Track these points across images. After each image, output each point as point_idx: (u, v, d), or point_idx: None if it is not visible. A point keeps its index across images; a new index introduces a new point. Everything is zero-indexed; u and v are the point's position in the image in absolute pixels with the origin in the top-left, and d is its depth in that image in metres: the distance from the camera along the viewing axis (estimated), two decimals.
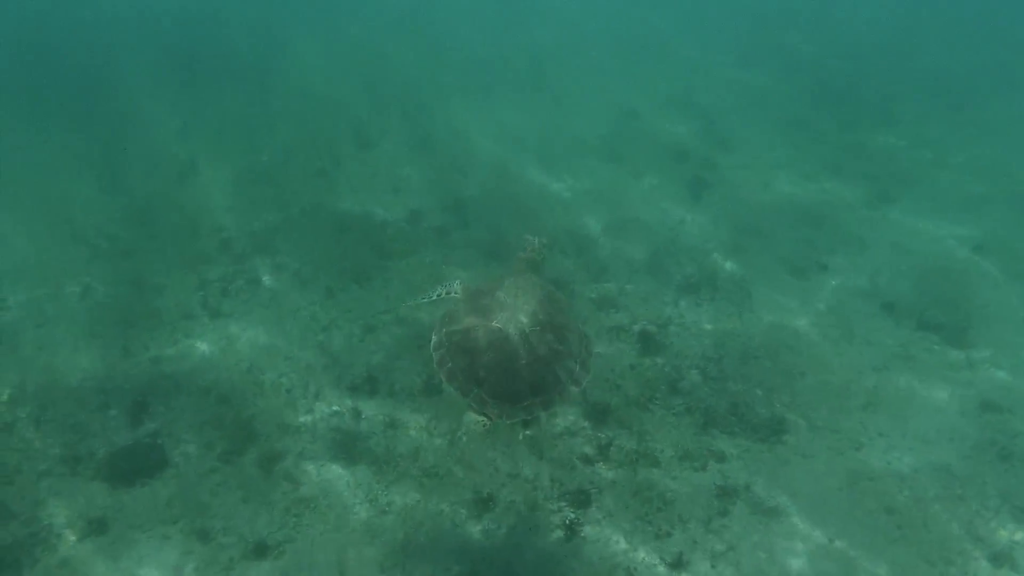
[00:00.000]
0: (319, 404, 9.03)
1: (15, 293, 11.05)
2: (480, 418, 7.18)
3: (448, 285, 8.64)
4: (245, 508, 7.84)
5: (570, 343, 7.33)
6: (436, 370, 7.34)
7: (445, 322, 7.63)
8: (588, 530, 7.49)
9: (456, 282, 8.51)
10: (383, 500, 7.84)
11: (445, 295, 8.63)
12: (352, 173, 14.31)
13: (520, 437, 8.28)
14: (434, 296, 8.68)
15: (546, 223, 11.83)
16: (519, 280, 7.82)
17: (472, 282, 8.67)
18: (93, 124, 16.54)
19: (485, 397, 6.97)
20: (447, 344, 7.34)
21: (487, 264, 11.26)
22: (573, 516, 7.59)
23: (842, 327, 10.16)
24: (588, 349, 7.56)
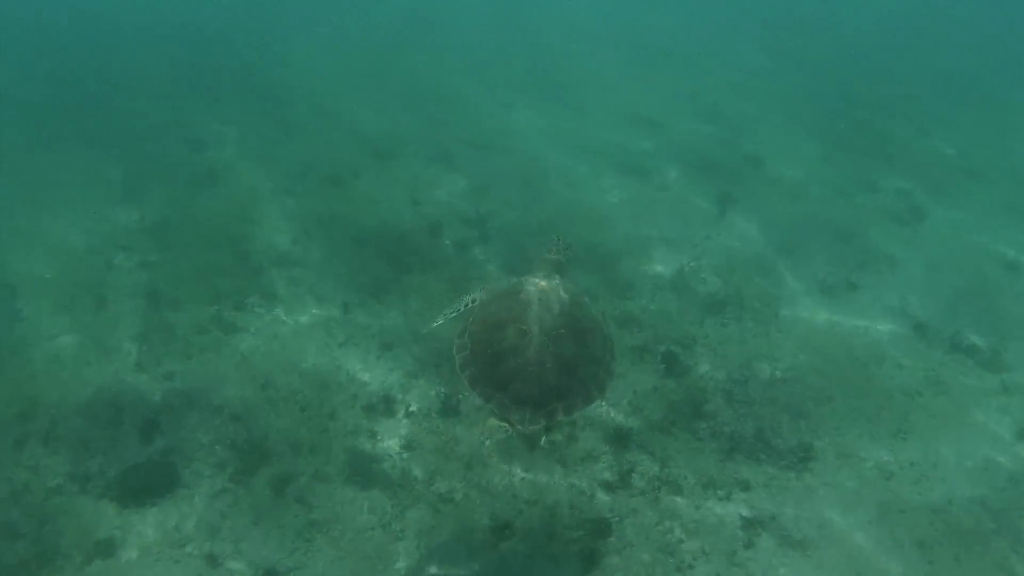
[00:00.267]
0: (333, 423, 8.94)
1: (29, 304, 11.04)
2: (502, 424, 7.06)
3: (474, 293, 8.49)
4: (256, 531, 7.76)
5: (594, 347, 7.19)
6: (458, 374, 7.18)
7: (468, 326, 7.51)
8: (608, 561, 7.34)
9: (480, 289, 8.35)
10: (397, 526, 7.73)
11: (472, 304, 8.47)
12: (370, 185, 14.23)
13: (542, 442, 8.16)
14: (462, 307, 8.53)
15: (568, 237, 11.71)
16: (544, 281, 7.71)
17: (496, 285, 8.51)
18: (108, 137, 16.58)
19: (507, 402, 6.81)
20: (470, 348, 7.22)
21: (508, 279, 11.12)
22: (593, 545, 7.45)
23: (872, 349, 9.96)
24: (612, 353, 7.41)
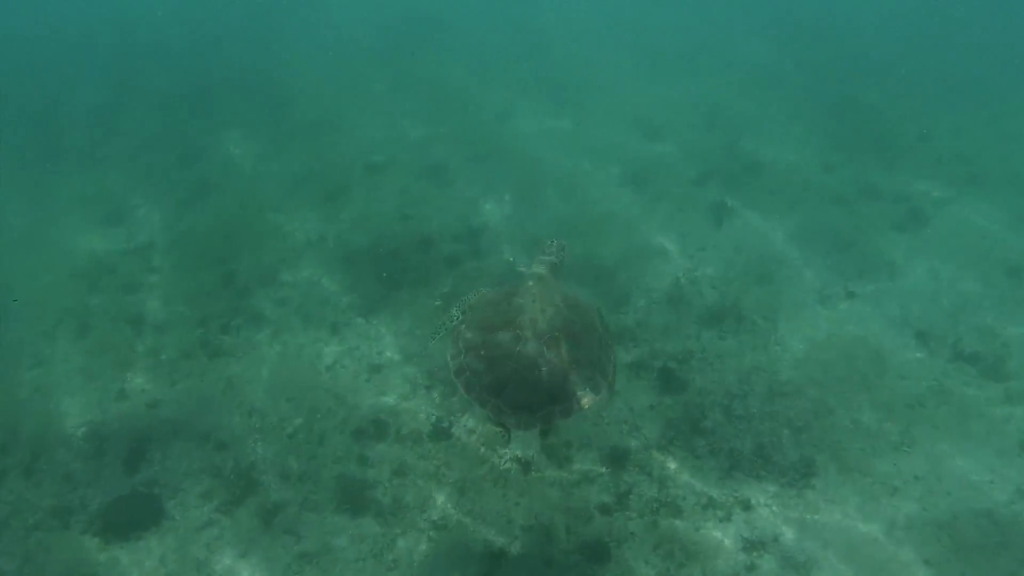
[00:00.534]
0: (322, 450, 8.83)
1: (11, 331, 10.94)
2: (498, 428, 6.96)
3: (467, 300, 8.28)
4: (243, 564, 7.65)
5: (591, 349, 7.02)
6: (454, 380, 7.05)
7: (463, 330, 7.37)
8: None
9: (472, 294, 8.16)
10: (389, 555, 7.62)
11: (459, 317, 8.31)
12: (361, 199, 14.11)
13: (539, 447, 8.03)
14: (452, 321, 8.36)
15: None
16: (538, 285, 7.57)
17: (488, 291, 8.37)
18: (99, 154, 16.52)
19: (503, 407, 6.69)
20: (465, 353, 7.08)
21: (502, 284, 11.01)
22: (591, 571, 7.32)
23: (873, 360, 9.82)
24: (609, 355, 7.26)
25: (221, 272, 12.02)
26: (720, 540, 7.58)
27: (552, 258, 8.30)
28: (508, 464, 8.42)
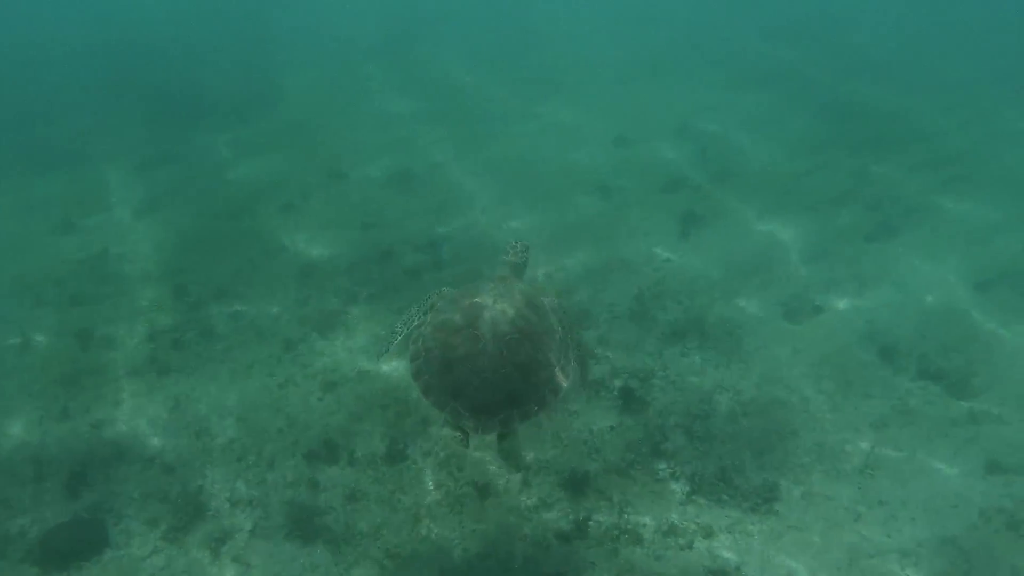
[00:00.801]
0: (272, 474, 8.60)
1: None
2: (456, 433, 6.75)
3: (430, 298, 8.10)
4: None
5: (551, 351, 6.88)
6: (413, 383, 6.82)
7: (423, 331, 7.18)
8: None
9: (435, 293, 7.99)
10: None
11: (431, 308, 8.15)
12: (320, 207, 13.89)
13: (496, 451, 7.83)
14: (427, 307, 8.16)
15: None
16: (499, 285, 7.36)
17: (452, 288, 8.21)
18: (52, 161, 16.16)
19: (461, 410, 6.51)
20: (424, 355, 6.88)
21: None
22: None
23: (837, 378, 9.73)
24: (569, 357, 7.11)
25: (174, 284, 11.75)
26: (682, 569, 7.42)
27: (514, 259, 8.22)
28: (464, 489, 8.24)
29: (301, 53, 23.49)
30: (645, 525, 7.83)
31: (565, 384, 6.93)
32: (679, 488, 8.24)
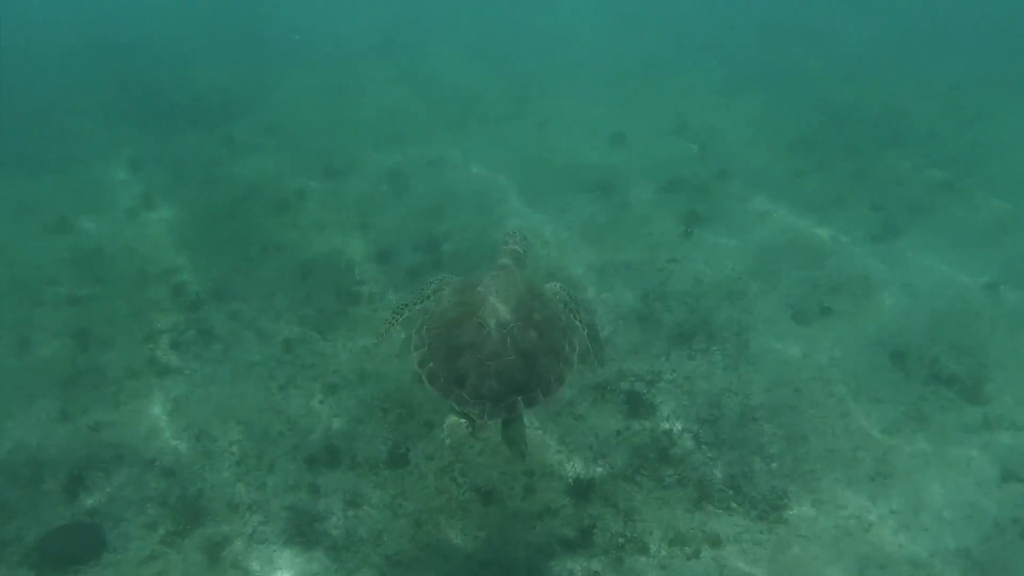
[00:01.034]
0: (272, 478, 8.50)
1: None
2: (462, 420, 6.84)
3: (433, 283, 8.11)
4: None
5: (553, 338, 7.06)
6: (417, 371, 6.98)
7: (426, 321, 7.37)
8: None
9: (439, 279, 8.07)
10: None
11: (434, 293, 8.16)
12: (318, 207, 13.80)
13: (500, 437, 7.79)
14: (425, 299, 8.16)
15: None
16: (501, 275, 7.59)
17: (455, 276, 8.26)
18: (41, 160, 16.05)
19: (466, 397, 6.67)
20: (428, 343, 7.07)
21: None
22: None
23: (848, 382, 9.62)
24: (572, 343, 7.26)
25: (171, 283, 11.65)
26: None
27: (516, 247, 8.43)
28: (467, 494, 8.15)
29: (298, 51, 23.35)
30: (651, 533, 7.74)
31: (570, 371, 7.07)
32: (687, 495, 8.13)
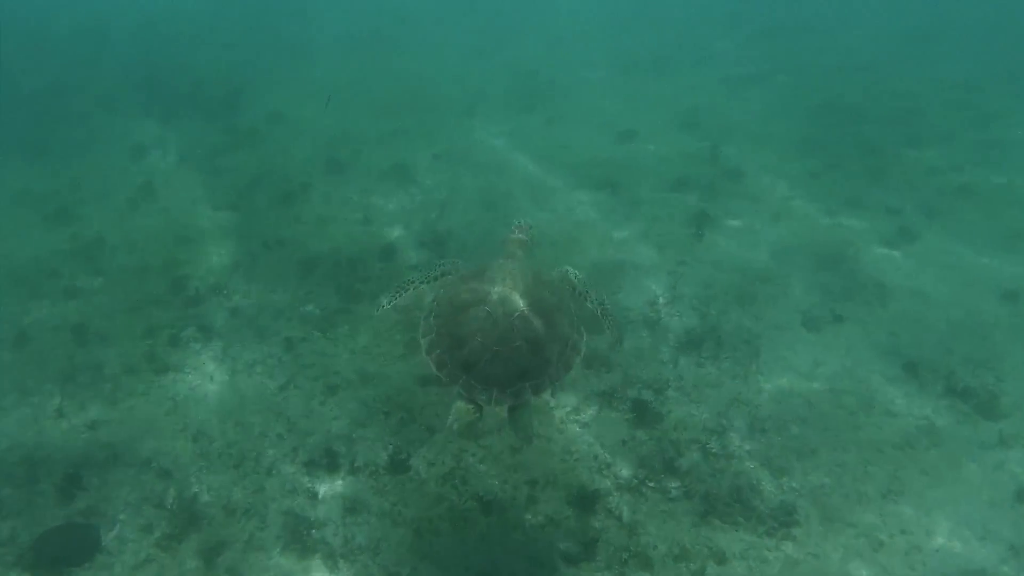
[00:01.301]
0: (271, 482, 8.40)
1: None
2: (470, 406, 6.89)
3: (441, 265, 8.14)
4: None
5: (560, 325, 7.21)
6: (425, 358, 7.09)
7: (434, 307, 7.48)
8: None
9: (447, 260, 8.31)
10: None
11: (441, 276, 8.24)
12: (321, 200, 13.67)
13: (507, 419, 7.72)
14: (433, 279, 8.22)
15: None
16: (508, 263, 7.77)
17: (463, 262, 8.44)
18: (45, 146, 15.92)
19: (474, 383, 6.81)
20: (436, 329, 7.20)
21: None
22: None
23: (860, 394, 9.48)
24: (579, 331, 7.39)
25: (172, 277, 11.53)
26: None
27: (522, 236, 8.53)
28: (468, 503, 8.03)
29: (302, 43, 23.14)
30: (655, 547, 7.62)
31: (577, 358, 7.23)
32: (693, 508, 8.00)
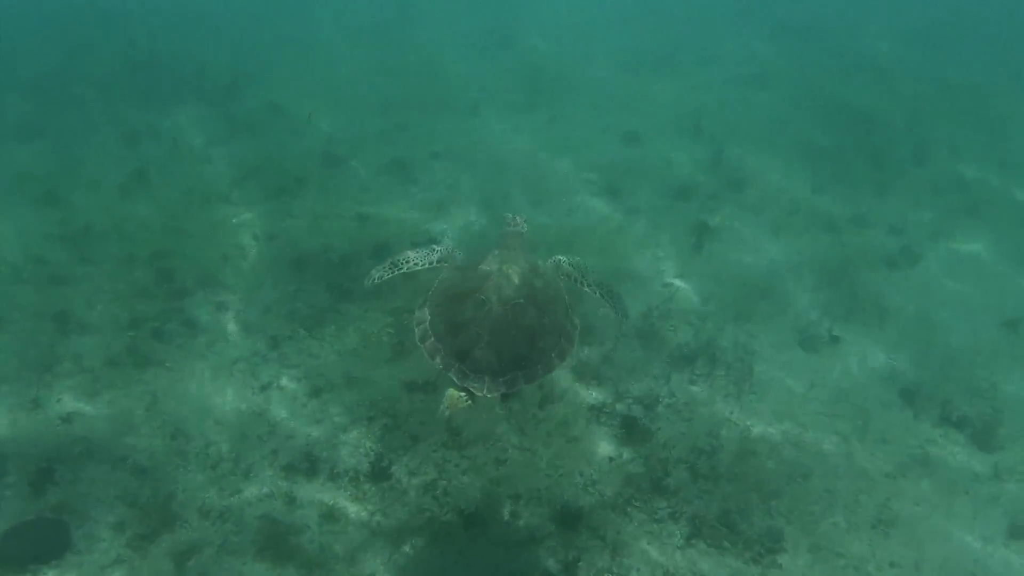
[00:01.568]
0: (248, 485, 8.28)
1: None
2: (462, 393, 7.13)
3: (440, 250, 8.11)
4: None
5: (555, 315, 7.44)
6: (418, 344, 7.33)
7: (428, 295, 7.67)
8: None
9: (446, 246, 8.65)
10: None
11: (438, 262, 8.54)
12: (316, 194, 13.49)
13: (499, 410, 7.65)
14: (434, 257, 8.58)
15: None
16: (504, 253, 7.98)
17: (460, 250, 8.79)
18: (38, 129, 15.76)
19: (467, 371, 7.03)
20: (429, 317, 7.40)
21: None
22: None
23: (854, 418, 9.39)
24: (573, 322, 7.64)
25: (159, 268, 11.38)
26: None
27: (517, 228, 8.88)
28: (449, 515, 7.92)
29: (296, 32, 22.91)
30: (638, 569, 7.51)
31: (572, 347, 7.54)
32: (679, 530, 7.90)
